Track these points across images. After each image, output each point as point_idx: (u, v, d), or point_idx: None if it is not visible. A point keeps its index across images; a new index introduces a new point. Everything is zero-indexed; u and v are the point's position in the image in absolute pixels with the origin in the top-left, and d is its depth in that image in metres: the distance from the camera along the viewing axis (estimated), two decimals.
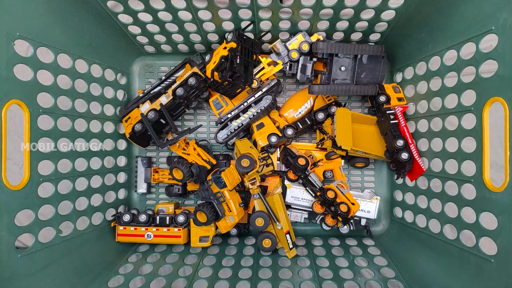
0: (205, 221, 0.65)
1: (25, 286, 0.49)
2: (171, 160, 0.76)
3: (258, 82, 0.70)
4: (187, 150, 0.73)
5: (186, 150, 0.73)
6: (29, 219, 0.51)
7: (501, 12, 0.45)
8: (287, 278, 0.61)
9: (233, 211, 0.66)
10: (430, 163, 0.63)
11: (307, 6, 0.60)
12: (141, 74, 0.80)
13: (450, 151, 0.57)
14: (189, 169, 0.68)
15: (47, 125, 0.55)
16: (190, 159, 0.72)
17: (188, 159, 0.72)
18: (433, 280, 0.56)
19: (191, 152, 0.73)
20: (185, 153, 0.73)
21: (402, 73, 0.73)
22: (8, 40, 0.47)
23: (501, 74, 0.45)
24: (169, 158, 0.77)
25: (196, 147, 0.73)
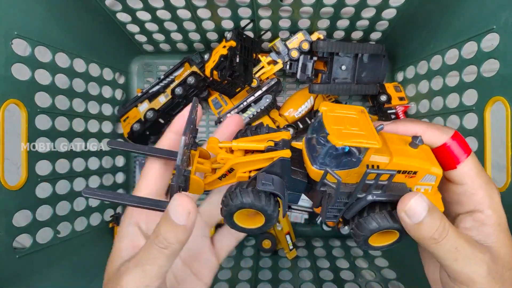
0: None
1: (23, 287, 0.48)
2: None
3: (257, 81, 0.70)
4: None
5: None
6: (27, 220, 0.51)
7: (502, 11, 0.44)
8: (287, 279, 0.61)
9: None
10: None
11: (308, 4, 0.60)
12: (139, 73, 0.80)
13: None
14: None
15: (45, 125, 0.55)
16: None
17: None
18: None
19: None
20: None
21: (403, 72, 0.72)
22: (6, 39, 0.46)
23: (502, 73, 0.45)
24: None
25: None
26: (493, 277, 0.29)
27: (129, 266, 0.29)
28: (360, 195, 0.29)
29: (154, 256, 0.28)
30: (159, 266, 0.28)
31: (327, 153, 0.28)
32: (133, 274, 0.28)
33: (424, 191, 0.31)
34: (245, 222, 0.31)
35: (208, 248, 0.39)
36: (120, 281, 0.28)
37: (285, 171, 0.30)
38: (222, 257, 0.40)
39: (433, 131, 0.32)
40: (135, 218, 0.34)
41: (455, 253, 0.28)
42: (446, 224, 0.28)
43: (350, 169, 0.29)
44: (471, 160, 0.32)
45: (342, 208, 0.30)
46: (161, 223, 0.28)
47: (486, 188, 0.32)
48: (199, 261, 0.38)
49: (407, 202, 0.28)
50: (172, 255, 0.28)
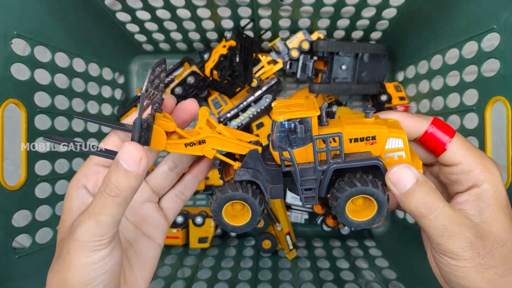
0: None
1: (22, 287, 0.48)
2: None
3: (257, 81, 0.70)
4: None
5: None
6: (27, 220, 0.51)
7: (503, 11, 0.44)
8: (287, 279, 0.61)
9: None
10: None
11: (308, 4, 0.59)
12: (139, 73, 0.80)
13: None
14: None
15: (44, 125, 0.54)
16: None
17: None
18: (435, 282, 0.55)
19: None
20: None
21: (403, 72, 0.72)
22: (6, 39, 0.46)
23: (503, 73, 0.44)
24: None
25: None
26: (477, 253, 0.29)
27: (81, 219, 0.29)
28: (322, 167, 0.31)
29: (106, 205, 0.28)
30: (111, 215, 0.28)
31: (279, 135, 0.32)
32: (86, 225, 0.28)
33: (398, 158, 0.32)
34: (235, 221, 0.33)
35: (156, 211, 0.40)
36: (75, 234, 0.29)
37: (257, 161, 0.33)
38: (171, 218, 0.42)
39: (412, 119, 0.34)
40: (83, 182, 0.35)
41: (442, 230, 0.29)
42: (436, 200, 0.29)
43: (304, 146, 0.32)
44: (458, 139, 0.33)
45: (314, 187, 0.32)
46: (111, 171, 0.29)
47: (482, 163, 0.32)
48: (149, 224, 0.40)
49: (391, 170, 0.29)
50: (123, 202, 0.29)
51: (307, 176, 0.32)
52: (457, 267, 0.29)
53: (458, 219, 0.30)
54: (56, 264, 0.30)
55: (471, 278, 0.29)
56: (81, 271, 0.29)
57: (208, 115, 0.34)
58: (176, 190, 0.42)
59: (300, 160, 0.32)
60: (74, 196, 0.35)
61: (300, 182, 0.32)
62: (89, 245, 0.28)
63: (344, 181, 0.31)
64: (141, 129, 0.31)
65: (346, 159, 0.31)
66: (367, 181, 0.30)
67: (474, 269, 0.29)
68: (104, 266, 0.29)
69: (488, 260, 0.29)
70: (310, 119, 0.31)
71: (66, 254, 0.29)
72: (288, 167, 0.32)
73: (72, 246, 0.29)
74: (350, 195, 0.30)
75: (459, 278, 0.30)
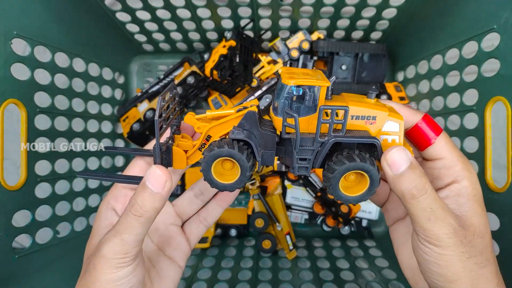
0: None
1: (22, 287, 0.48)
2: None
3: (257, 81, 0.70)
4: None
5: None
6: (27, 220, 0.51)
7: (503, 11, 0.44)
8: (287, 279, 0.60)
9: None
10: None
11: (308, 4, 0.59)
12: (139, 73, 0.80)
13: None
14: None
15: (44, 125, 0.55)
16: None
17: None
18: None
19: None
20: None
21: (403, 72, 0.72)
22: (6, 39, 0.46)
23: (503, 73, 0.44)
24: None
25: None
26: (460, 240, 0.30)
27: (108, 237, 0.31)
28: (323, 139, 0.31)
29: (130, 225, 0.30)
30: (135, 234, 0.30)
31: (284, 100, 0.31)
32: (112, 243, 0.30)
33: (392, 141, 0.33)
34: (223, 178, 0.33)
35: (179, 234, 0.42)
36: (101, 251, 0.31)
37: (253, 123, 0.33)
38: (193, 243, 0.44)
39: (405, 110, 0.35)
40: (112, 204, 0.37)
41: (430, 213, 0.30)
42: (426, 183, 0.30)
43: (309, 115, 0.31)
44: (444, 136, 0.35)
45: (310, 157, 0.32)
46: (137, 192, 0.31)
47: (463, 162, 0.34)
48: (171, 246, 0.42)
49: (389, 151, 0.30)
50: (147, 222, 0.31)
51: (305, 146, 0.32)
52: (441, 255, 0.30)
53: (443, 204, 0.31)
54: (83, 278, 0.32)
55: (453, 267, 0.30)
56: (106, 286, 0.30)
57: (194, 116, 0.34)
58: (200, 216, 0.44)
59: (301, 128, 0.32)
60: (103, 217, 0.37)
61: (298, 150, 0.32)
62: (114, 262, 0.30)
63: (342, 155, 0.31)
64: (161, 152, 0.32)
65: (346, 134, 0.31)
66: (365, 158, 0.30)
67: (457, 257, 0.30)
68: (127, 283, 0.31)
69: (470, 249, 0.30)
70: (319, 89, 0.31)
71: (92, 270, 0.31)
72: (288, 134, 0.32)
73: (98, 262, 0.30)
74: (347, 169, 0.30)
75: (441, 268, 0.30)
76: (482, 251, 0.31)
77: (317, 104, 0.31)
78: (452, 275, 0.30)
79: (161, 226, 0.42)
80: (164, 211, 0.41)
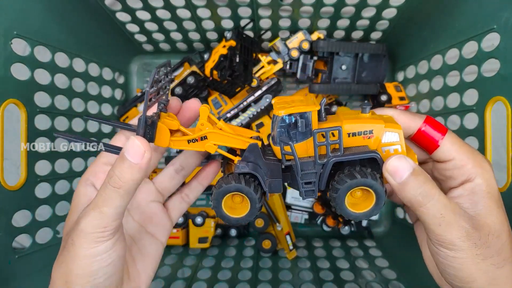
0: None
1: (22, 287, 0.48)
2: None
3: (257, 81, 0.70)
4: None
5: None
6: (27, 220, 0.51)
7: (503, 11, 0.44)
8: (287, 279, 0.60)
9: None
10: None
11: (308, 4, 0.59)
12: (139, 73, 0.80)
13: None
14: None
15: (44, 125, 0.54)
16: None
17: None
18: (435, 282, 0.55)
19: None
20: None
21: (403, 72, 0.72)
22: (6, 39, 0.46)
23: (503, 73, 0.44)
24: (167, 158, 0.77)
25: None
26: (474, 243, 0.30)
27: (86, 210, 0.30)
28: (322, 161, 0.32)
29: (109, 197, 0.29)
30: (115, 206, 0.30)
31: (279, 130, 0.33)
32: (90, 216, 0.30)
33: (394, 151, 0.33)
34: (234, 212, 0.34)
35: (161, 211, 0.42)
36: (79, 225, 0.30)
37: (257, 155, 0.34)
38: (175, 219, 0.43)
39: (406, 116, 0.35)
40: (91, 180, 0.36)
41: (440, 219, 0.30)
42: (433, 189, 0.30)
43: (304, 140, 0.32)
44: (450, 136, 0.34)
45: (314, 180, 0.33)
46: (115, 164, 0.30)
47: (474, 159, 0.33)
48: (153, 223, 0.41)
49: (388, 160, 0.30)
50: (126, 194, 0.30)
51: (307, 169, 0.32)
52: (455, 258, 0.30)
53: (454, 207, 0.31)
54: (61, 255, 0.31)
55: (467, 269, 0.30)
56: (85, 262, 0.29)
57: (208, 112, 0.35)
58: (182, 193, 0.44)
59: (300, 154, 0.33)
60: (82, 193, 0.36)
61: (301, 175, 0.32)
62: (93, 236, 0.29)
63: (344, 173, 0.31)
64: (146, 125, 0.32)
65: (344, 152, 0.32)
66: (366, 173, 0.31)
67: (471, 260, 0.30)
68: (107, 259, 0.30)
69: (484, 251, 0.30)
70: (310, 114, 0.32)
71: (70, 246, 0.30)
72: (289, 161, 0.33)
73: (76, 237, 0.30)
74: (350, 187, 0.31)
75: (457, 270, 0.30)
76: (499, 251, 0.30)
77: (311, 128, 0.32)
78: (468, 276, 0.30)
79: (143, 203, 0.41)
80: (144, 188, 0.41)
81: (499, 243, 0.31)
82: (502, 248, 0.31)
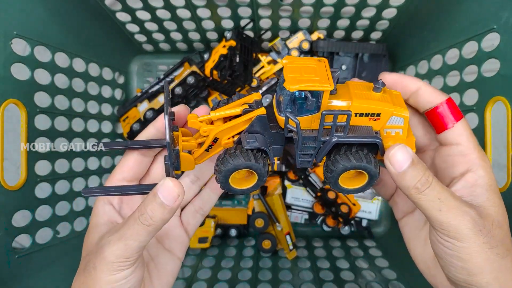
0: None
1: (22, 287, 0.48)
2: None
3: (257, 81, 0.70)
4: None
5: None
6: (27, 220, 0.51)
7: (503, 11, 0.44)
8: (287, 279, 0.60)
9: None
10: None
11: (308, 4, 0.59)
12: (139, 73, 0.80)
13: None
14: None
15: (44, 125, 0.55)
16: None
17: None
18: None
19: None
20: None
21: (404, 72, 0.72)
22: (6, 39, 0.46)
23: (503, 73, 0.44)
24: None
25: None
26: (479, 230, 0.30)
27: (111, 239, 0.31)
28: (324, 138, 0.31)
29: (137, 232, 0.30)
30: (140, 241, 0.30)
31: (287, 100, 0.31)
32: (115, 246, 0.30)
33: (395, 134, 0.33)
34: (240, 184, 0.34)
35: (178, 225, 0.42)
36: (102, 252, 0.30)
37: (264, 127, 0.33)
38: (191, 233, 0.43)
39: (430, 90, 0.35)
40: (108, 199, 0.37)
41: (439, 203, 0.30)
42: (429, 177, 0.31)
43: (311, 114, 0.31)
44: (465, 123, 0.35)
45: (312, 153, 0.32)
46: (148, 202, 0.30)
47: (479, 150, 0.34)
48: (170, 238, 0.41)
49: (391, 150, 0.31)
50: (153, 231, 0.31)
51: (308, 143, 0.32)
52: (462, 248, 0.30)
53: (452, 193, 0.31)
54: (82, 275, 0.32)
55: (476, 259, 0.30)
56: (105, 287, 0.31)
57: (197, 118, 0.34)
58: (196, 206, 0.43)
59: (304, 126, 0.32)
60: (101, 211, 0.37)
61: (300, 148, 0.32)
62: (115, 265, 0.30)
63: (339, 155, 0.31)
64: (173, 166, 0.32)
65: (348, 132, 0.31)
66: (361, 157, 0.31)
67: (479, 249, 0.30)
68: (126, 284, 0.31)
69: (490, 240, 0.30)
70: (322, 93, 0.30)
71: (92, 269, 0.31)
72: (291, 133, 0.32)
73: (99, 263, 0.31)
74: (344, 170, 0.31)
75: (464, 261, 0.30)
76: (502, 241, 0.31)
77: (320, 105, 0.31)
78: (475, 267, 0.30)
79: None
80: None
81: (502, 233, 0.31)
82: (504, 238, 0.31)
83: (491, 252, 0.30)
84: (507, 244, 0.31)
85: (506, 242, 0.31)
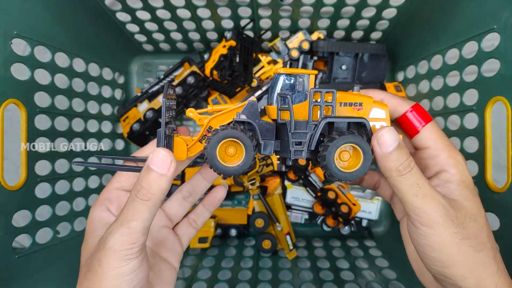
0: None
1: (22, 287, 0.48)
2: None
3: (257, 81, 0.70)
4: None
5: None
6: (27, 220, 0.51)
7: (503, 11, 0.44)
8: (287, 279, 0.60)
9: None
10: None
11: (308, 4, 0.59)
12: (139, 73, 0.80)
13: None
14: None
15: (44, 125, 0.55)
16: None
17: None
18: None
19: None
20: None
21: (403, 72, 0.72)
22: (6, 39, 0.46)
23: (503, 73, 0.44)
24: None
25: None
26: (451, 220, 0.31)
27: (113, 228, 0.30)
28: (316, 122, 0.33)
29: (138, 210, 0.30)
30: (143, 220, 0.30)
31: (277, 88, 0.35)
32: (118, 233, 0.29)
33: (380, 127, 0.34)
34: (228, 162, 0.34)
35: (172, 236, 0.43)
36: (106, 244, 0.29)
37: (255, 113, 0.34)
38: (185, 245, 0.44)
39: (395, 100, 0.37)
40: (106, 205, 0.37)
41: (416, 188, 0.31)
42: (412, 162, 0.32)
43: (301, 102, 0.34)
44: (432, 125, 0.36)
45: (304, 140, 0.34)
46: (141, 177, 0.30)
47: (449, 150, 0.35)
48: (165, 248, 0.42)
49: (379, 131, 0.32)
50: (154, 206, 0.30)
51: (300, 129, 0.34)
52: (433, 237, 0.30)
53: (429, 183, 0.32)
54: (85, 279, 0.30)
55: (447, 249, 0.30)
56: (114, 283, 0.29)
57: (195, 112, 0.36)
58: (190, 219, 0.45)
59: (295, 117, 0.34)
60: (97, 218, 0.36)
61: (292, 134, 0.33)
62: (121, 253, 0.29)
63: (333, 135, 0.33)
64: (165, 137, 0.33)
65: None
66: (354, 133, 0.33)
67: (449, 238, 0.30)
68: (135, 278, 0.30)
69: (462, 230, 0.31)
70: (308, 76, 0.34)
71: (97, 267, 0.29)
72: (283, 120, 0.34)
73: (104, 256, 0.29)
74: (338, 143, 0.32)
75: (436, 251, 0.31)
76: (476, 234, 0.31)
77: (307, 92, 0.34)
78: (447, 258, 0.31)
79: (154, 228, 0.41)
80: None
81: (476, 227, 0.32)
82: (479, 232, 0.32)
83: (463, 243, 0.30)
84: (482, 238, 0.32)
85: (481, 236, 0.32)
